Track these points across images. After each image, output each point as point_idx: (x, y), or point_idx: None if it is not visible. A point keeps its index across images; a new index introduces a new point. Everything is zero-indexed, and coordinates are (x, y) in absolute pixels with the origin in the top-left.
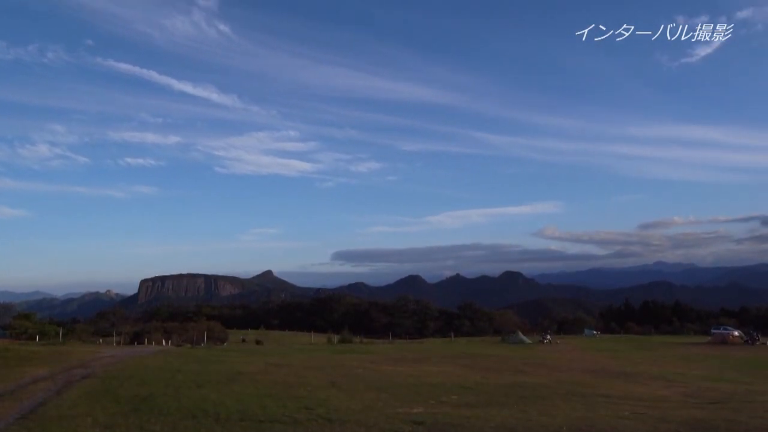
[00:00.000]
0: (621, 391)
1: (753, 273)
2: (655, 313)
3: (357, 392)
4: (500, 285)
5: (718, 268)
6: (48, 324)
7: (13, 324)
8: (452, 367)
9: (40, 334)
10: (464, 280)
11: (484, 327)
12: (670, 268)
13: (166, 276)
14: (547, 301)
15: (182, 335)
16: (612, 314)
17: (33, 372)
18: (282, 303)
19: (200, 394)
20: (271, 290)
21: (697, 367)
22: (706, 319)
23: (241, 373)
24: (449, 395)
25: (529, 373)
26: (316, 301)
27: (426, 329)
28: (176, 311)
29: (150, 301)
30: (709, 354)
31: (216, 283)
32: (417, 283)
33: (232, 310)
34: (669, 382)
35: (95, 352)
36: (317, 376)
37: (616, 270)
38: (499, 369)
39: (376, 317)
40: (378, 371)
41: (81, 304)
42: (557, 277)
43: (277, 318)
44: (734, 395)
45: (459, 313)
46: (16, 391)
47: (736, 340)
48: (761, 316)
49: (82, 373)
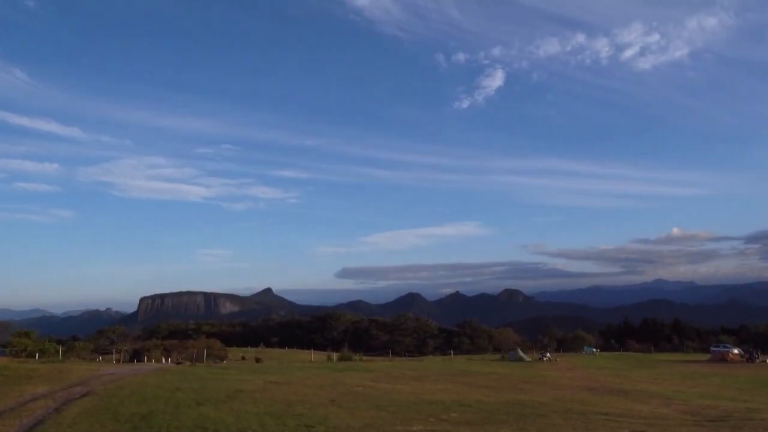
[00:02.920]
0: (621, 409)
1: (753, 291)
2: (655, 331)
3: (357, 410)
4: (500, 303)
5: (717, 285)
6: (47, 342)
7: (13, 342)
8: (452, 384)
9: (40, 351)
10: (464, 298)
11: (483, 345)
12: (669, 285)
13: (166, 294)
14: (546, 318)
15: (182, 353)
16: (612, 332)
17: (32, 390)
18: (282, 321)
19: (200, 412)
20: (271, 308)
21: (697, 385)
22: (705, 337)
23: (241, 391)
24: (449, 413)
25: (528, 391)
26: (315, 318)
27: (426, 347)
28: (176, 329)
29: (149, 319)
30: (709, 372)
31: (215, 300)
32: (417, 300)
33: (231, 327)
34: (669, 400)
35: (95, 370)
36: (317, 394)
37: (615, 288)
38: (499, 387)
39: (376, 335)
40: (377, 389)
41: (80, 322)
42: (557, 295)
43: (277, 336)
44: (734, 413)
45: (458, 330)
46: (16, 409)
47: (736, 358)
48: (760, 334)
49: (81, 390)
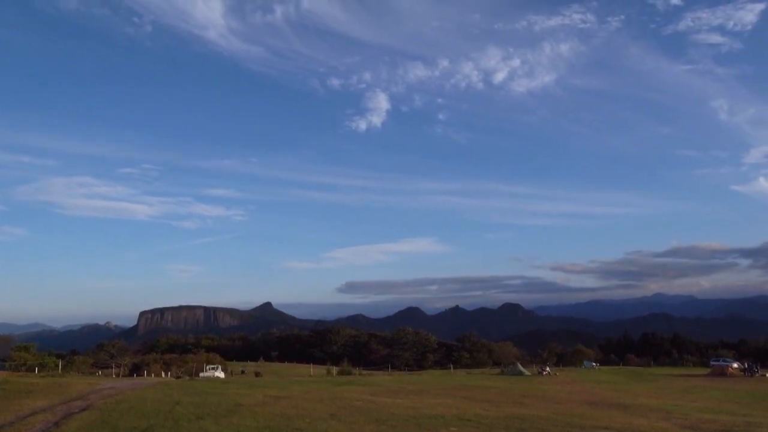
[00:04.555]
0: (620, 423)
1: (753, 305)
2: (655, 345)
3: (356, 424)
4: (499, 317)
5: (717, 299)
6: (47, 356)
7: (13, 356)
8: (451, 399)
9: (40, 366)
10: (463, 312)
11: (483, 359)
12: (669, 299)
13: (166, 308)
14: (546, 332)
15: (181, 367)
16: (611, 346)
17: (32, 404)
18: (281, 335)
19: (199, 427)
20: (271, 322)
21: (697, 399)
22: (705, 351)
23: (241, 405)
24: (448, 427)
25: (528, 405)
26: (315, 332)
27: (425, 361)
28: (175, 343)
29: (149, 333)
30: (709, 386)
31: (215, 314)
32: (416, 315)
33: (231, 341)
34: (668, 414)
35: (94, 384)
36: (317, 408)
37: (615, 302)
38: (499, 401)
39: (376, 349)
40: (377, 403)
41: (80, 336)
42: (556, 309)
43: (277, 350)
44: (733, 427)
45: (458, 344)
46: (15, 423)
47: (735, 372)
48: (760, 348)
49: (80, 405)
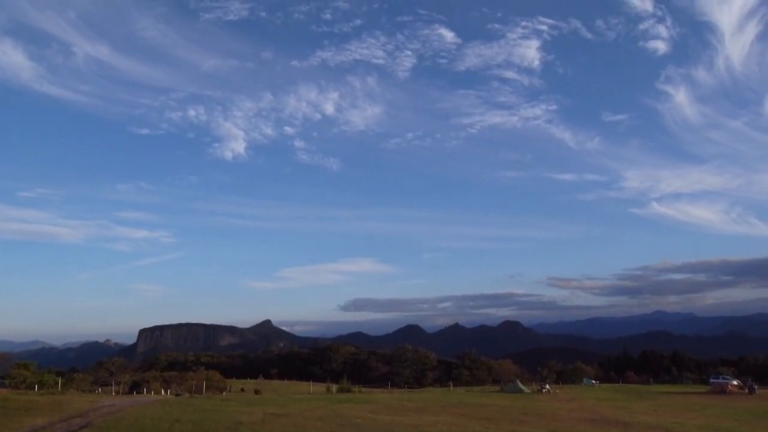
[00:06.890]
0: None
1: (752, 322)
2: (654, 363)
3: None
4: (499, 334)
5: (717, 317)
6: (47, 373)
7: (12, 373)
8: (451, 416)
9: (39, 383)
10: (463, 330)
11: (482, 376)
12: (669, 317)
13: (165, 325)
14: (545, 350)
15: (181, 384)
16: (611, 363)
17: (32, 421)
18: (281, 352)
19: None
20: (270, 339)
21: (696, 417)
22: (704, 369)
23: (241, 423)
24: None
25: (527, 422)
26: (314, 350)
27: (425, 378)
28: (175, 360)
29: (149, 351)
30: (708, 403)
31: (215, 332)
32: (416, 332)
33: (230, 359)
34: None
35: (94, 402)
36: (316, 426)
37: (615, 319)
38: (498, 418)
39: (375, 366)
40: (377, 421)
41: (80, 353)
42: (556, 327)
43: (276, 367)
44: None
45: (458, 362)
46: None
47: (735, 389)
48: (759, 366)
49: (80, 422)
